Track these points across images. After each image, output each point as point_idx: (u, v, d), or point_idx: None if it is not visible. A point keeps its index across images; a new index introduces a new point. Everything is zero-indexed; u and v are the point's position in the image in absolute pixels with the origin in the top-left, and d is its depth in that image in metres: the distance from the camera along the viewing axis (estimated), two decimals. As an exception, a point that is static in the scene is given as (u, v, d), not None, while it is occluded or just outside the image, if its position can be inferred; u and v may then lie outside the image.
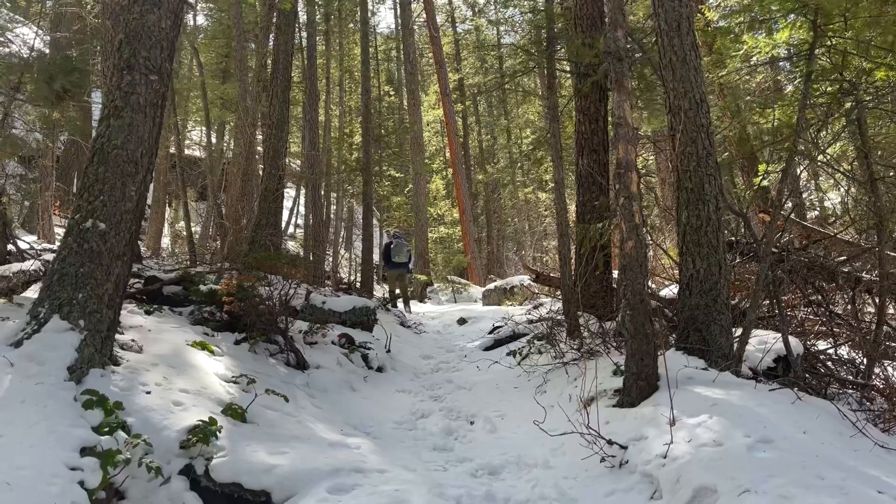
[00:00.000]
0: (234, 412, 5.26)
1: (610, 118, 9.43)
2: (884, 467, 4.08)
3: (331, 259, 20.22)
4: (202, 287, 8.02)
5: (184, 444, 4.56)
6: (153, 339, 6.27)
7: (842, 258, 8.68)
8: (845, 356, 7.73)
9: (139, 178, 5.55)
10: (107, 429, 4.35)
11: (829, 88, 8.30)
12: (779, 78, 15.64)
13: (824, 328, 8.10)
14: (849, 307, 8.21)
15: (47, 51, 15.60)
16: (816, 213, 18.50)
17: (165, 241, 22.91)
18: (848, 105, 8.13)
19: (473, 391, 8.17)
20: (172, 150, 19.26)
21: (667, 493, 4.25)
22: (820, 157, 8.86)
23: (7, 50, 13.37)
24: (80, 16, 14.64)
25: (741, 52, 10.68)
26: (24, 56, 10.62)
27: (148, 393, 5.02)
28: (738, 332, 6.45)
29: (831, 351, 7.60)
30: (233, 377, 6.04)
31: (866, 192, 8.27)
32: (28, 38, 14.73)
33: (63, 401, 4.45)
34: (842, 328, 8.08)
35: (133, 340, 5.99)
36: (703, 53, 14.30)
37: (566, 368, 7.57)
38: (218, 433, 4.71)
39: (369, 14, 21.72)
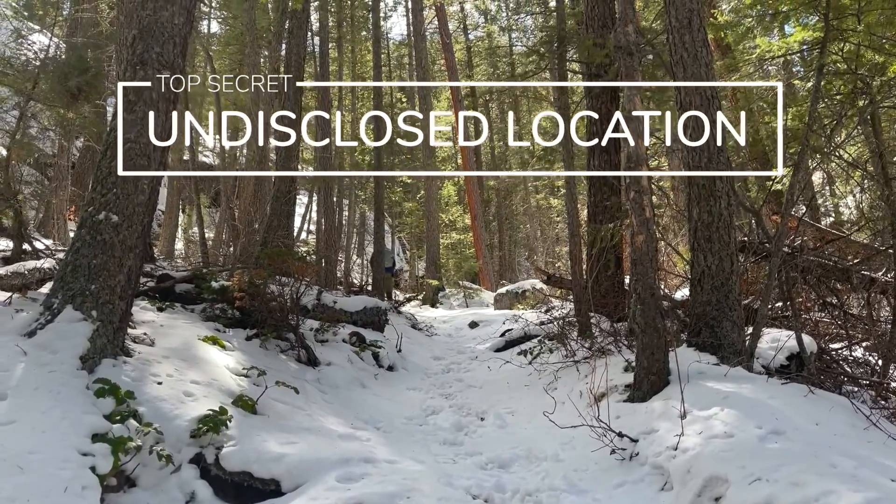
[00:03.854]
0: (245, 403, 5.28)
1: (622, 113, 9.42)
2: (897, 457, 4.03)
3: (343, 264, 20.30)
4: (214, 284, 8.06)
5: (194, 434, 4.57)
6: (165, 333, 6.31)
7: (856, 260, 8.61)
8: (860, 357, 7.65)
9: (151, 171, 5.59)
10: (118, 417, 4.38)
11: (843, 88, 8.26)
12: (793, 82, 15.58)
13: (839, 329, 8.02)
14: (864, 309, 8.14)
15: (63, 57, 15.79)
16: (832, 218, 18.36)
17: (179, 246, 23.06)
18: (861, 103, 8.09)
19: (484, 389, 8.15)
20: (186, 156, 19.40)
21: (677, 483, 4.22)
22: (835, 157, 8.82)
23: (24, 56, 13.55)
24: (97, 21, 14.83)
25: (754, 54, 10.64)
26: (41, 60, 10.75)
27: (159, 383, 5.05)
28: (751, 329, 6.40)
29: (846, 352, 7.52)
30: (243, 370, 6.07)
31: (881, 191, 8.21)
32: (44, 43, 14.92)
33: (75, 388, 4.48)
34: (857, 329, 8.01)
35: (145, 334, 6.03)
36: (715, 56, 14.28)
37: (577, 367, 7.54)
38: (228, 423, 4.73)
39: (381, 20, 21.85)
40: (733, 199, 6.54)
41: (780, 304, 8.18)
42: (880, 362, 6.94)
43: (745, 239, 8.79)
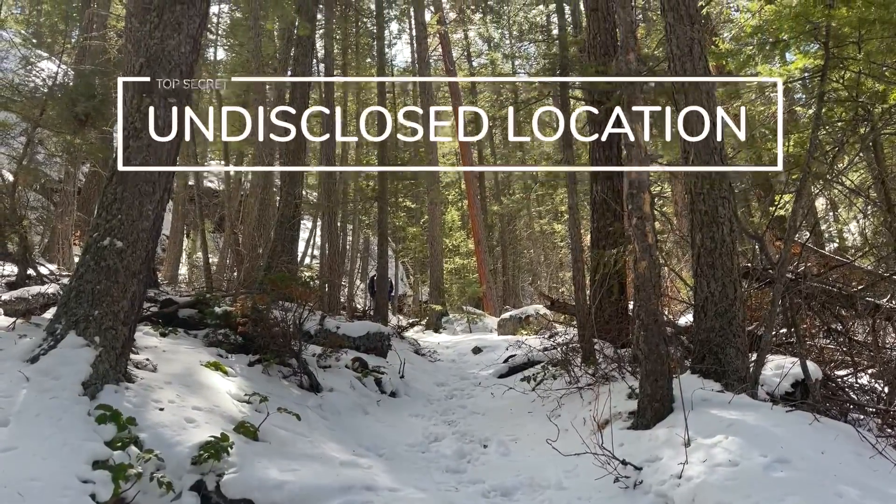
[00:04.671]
0: (246, 430, 5.25)
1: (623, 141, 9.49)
2: (904, 487, 3.99)
3: (346, 289, 20.30)
4: (217, 309, 8.07)
5: (195, 460, 4.55)
6: (167, 359, 6.30)
7: (861, 286, 8.58)
8: (866, 385, 7.59)
9: (156, 197, 5.64)
10: (119, 443, 4.37)
11: (845, 115, 8.30)
12: (794, 108, 15.68)
13: (844, 356, 7.97)
14: (869, 335, 8.09)
15: (71, 83, 15.99)
16: (835, 244, 18.35)
17: (183, 271, 23.11)
18: (863, 131, 8.13)
19: (487, 416, 8.11)
20: (191, 181, 19.53)
21: (682, 512, 4.17)
22: (837, 183, 8.84)
23: (32, 83, 13.71)
24: (105, 48, 15.02)
25: (755, 82, 10.71)
26: (49, 87, 10.89)
27: (161, 410, 5.04)
28: (755, 356, 6.37)
29: (851, 379, 7.47)
30: (245, 396, 6.05)
31: (884, 217, 8.22)
32: (52, 70, 15.11)
33: (77, 415, 4.47)
34: (862, 356, 7.96)
35: (147, 360, 6.02)
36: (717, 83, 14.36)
37: (581, 393, 7.50)
38: (229, 449, 4.71)
39: (386, 47, 22.08)
40: (736, 225, 6.55)
41: (784, 330, 8.15)
42: (886, 389, 6.89)
43: (749, 265, 8.77)
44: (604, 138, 10.57)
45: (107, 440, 4.36)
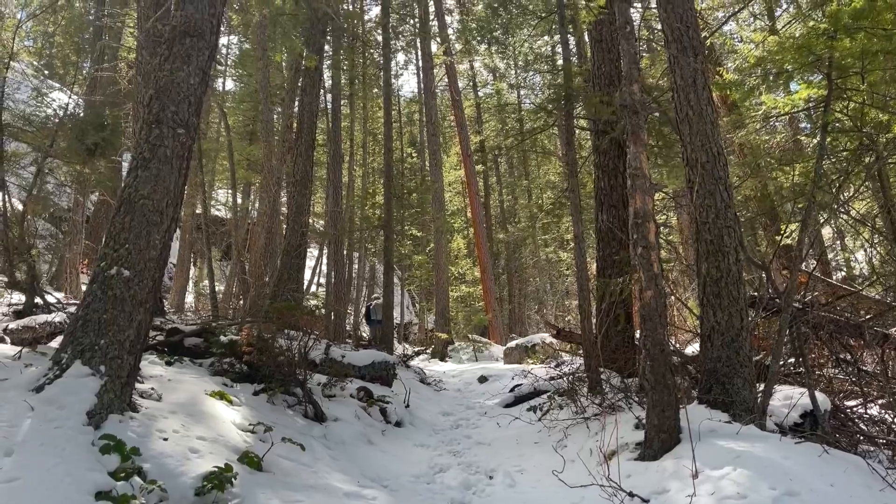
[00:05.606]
0: (251, 460, 5.23)
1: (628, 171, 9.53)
2: (916, 521, 3.94)
3: (352, 317, 20.30)
4: (222, 338, 8.07)
5: (199, 491, 4.52)
6: (172, 388, 6.29)
7: (869, 315, 8.53)
8: (876, 416, 7.51)
9: (164, 227, 5.67)
10: (123, 474, 4.35)
11: (849, 145, 8.33)
12: (799, 138, 15.74)
13: (853, 386, 7.90)
14: (878, 365, 8.03)
15: (82, 114, 16.21)
16: (843, 273, 18.28)
17: (189, 299, 23.15)
18: (868, 160, 8.15)
19: (493, 447, 8.04)
20: (199, 209, 19.65)
21: (690, 546, 4.12)
22: (842, 212, 8.84)
23: (43, 113, 13.90)
24: (115, 80, 15.24)
25: (760, 111, 10.77)
26: (59, 118, 11.04)
27: (165, 440, 5.02)
28: (763, 386, 6.32)
29: (861, 409, 7.40)
30: (250, 426, 6.02)
31: (890, 246, 8.20)
32: (64, 101, 15.33)
33: (81, 445, 4.46)
34: (871, 386, 7.89)
35: (152, 389, 6.01)
36: (721, 113, 14.45)
37: (587, 423, 7.44)
38: (233, 480, 4.68)
39: (392, 78, 22.31)
40: (742, 254, 6.54)
41: (792, 360, 8.10)
42: (896, 420, 6.82)
43: (755, 294, 8.75)
44: (608, 167, 10.64)
45: (110, 470, 4.34)
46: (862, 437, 6.66)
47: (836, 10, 6.28)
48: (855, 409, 7.33)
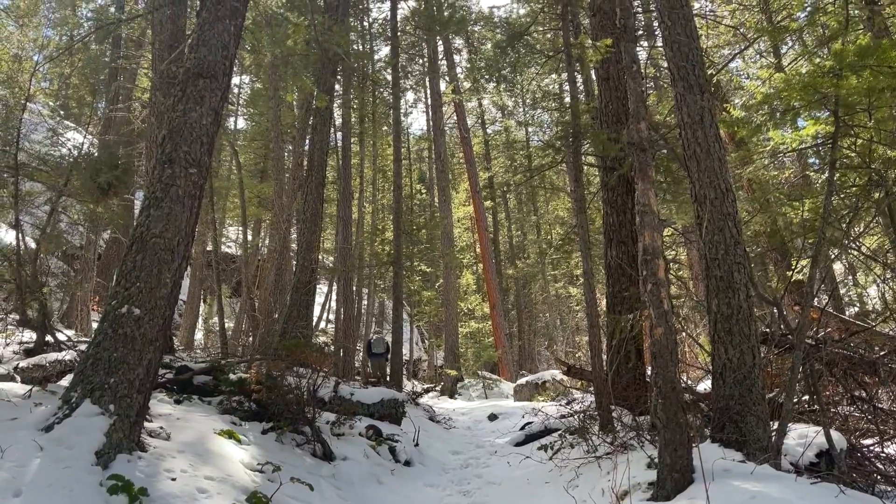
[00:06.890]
0: (259, 500, 5.18)
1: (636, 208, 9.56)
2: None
3: (361, 353, 20.25)
4: (231, 376, 8.06)
5: (206, 533, 4.48)
6: (181, 426, 6.27)
7: (883, 352, 8.43)
8: (893, 455, 7.38)
9: (175, 265, 5.72)
10: (130, 515, 4.32)
11: (858, 180, 8.33)
12: (808, 173, 15.76)
13: (869, 424, 7.78)
14: (894, 403, 7.91)
15: (96, 153, 16.46)
16: (856, 308, 18.13)
17: (199, 336, 23.17)
18: (877, 196, 8.14)
19: (503, 486, 7.93)
20: (209, 246, 19.78)
21: (705, 591, 4.02)
22: (853, 248, 8.80)
23: (58, 152, 14.13)
24: (129, 120, 15.49)
25: (769, 147, 10.81)
26: (74, 157, 11.22)
27: (173, 479, 4.99)
28: (777, 424, 6.23)
29: (878, 448, 7.27)
30: (258, 465, 5.98)
31: (902, 282, 8.14)
32: (78, 140, 15.57)
33: (89, 485, 4.44)
34: (888, 424, 7.76)
35: (161, 428, 6.00)
36: (729, 149, 14.50)
37: (599, 462, 7.34)
38: (241, 521, 4.64)
39: (402, 116, 22.57)
40: (752, 290, 6.50)
41: (805, 397, 7.99)
42: (914, 459, 6.70)
43: (767, 330, 8.68)
44: (617, 203, 10.67)
45: (118, 511, 4.31)
46: (879, 477, 6.53)
47: (841, 49, 6.33)
48: (871, 447, 7.20)
